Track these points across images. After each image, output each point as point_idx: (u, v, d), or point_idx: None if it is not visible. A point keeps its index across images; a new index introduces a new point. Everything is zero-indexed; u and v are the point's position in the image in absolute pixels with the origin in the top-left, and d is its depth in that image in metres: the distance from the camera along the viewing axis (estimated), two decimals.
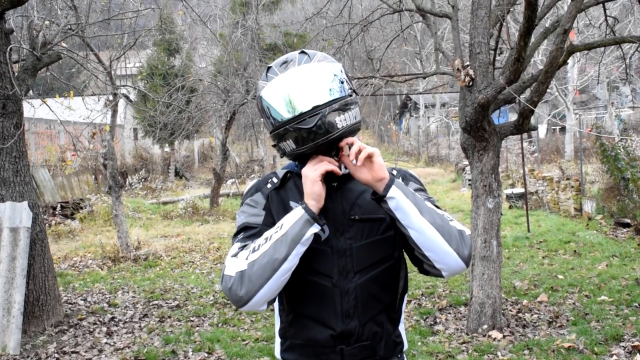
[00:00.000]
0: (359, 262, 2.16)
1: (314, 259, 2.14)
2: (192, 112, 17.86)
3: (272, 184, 2.26)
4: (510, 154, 21.89)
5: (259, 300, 2.02)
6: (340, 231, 2.17)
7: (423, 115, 42.04)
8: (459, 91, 6.63)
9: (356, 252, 2.16)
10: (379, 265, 2.19)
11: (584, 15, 12.00)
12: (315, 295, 2.17)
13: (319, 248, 2.15)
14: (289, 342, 2.25)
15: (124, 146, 30.31)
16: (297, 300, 2.20)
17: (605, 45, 7.47)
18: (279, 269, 1.99)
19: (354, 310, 2.15)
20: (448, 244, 2.03)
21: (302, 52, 2.16)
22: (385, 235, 2.18)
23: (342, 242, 2.16)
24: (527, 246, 11.00)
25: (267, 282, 1.99)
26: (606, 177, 12.87)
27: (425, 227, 2.02)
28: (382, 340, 2.21)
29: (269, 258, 1.99)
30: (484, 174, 6.54)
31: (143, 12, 11.19)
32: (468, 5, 12.50)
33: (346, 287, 2.15)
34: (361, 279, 2.16)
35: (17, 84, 6.99)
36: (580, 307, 7.35)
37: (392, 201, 2.02)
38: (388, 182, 2.04)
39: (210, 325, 7.43)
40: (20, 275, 6.68)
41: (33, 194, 7.34)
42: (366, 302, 2.17)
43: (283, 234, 2.01)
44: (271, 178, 2.29)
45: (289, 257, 2.00)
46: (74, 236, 13.99)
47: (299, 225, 2.01)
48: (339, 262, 2.15)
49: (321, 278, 2.15)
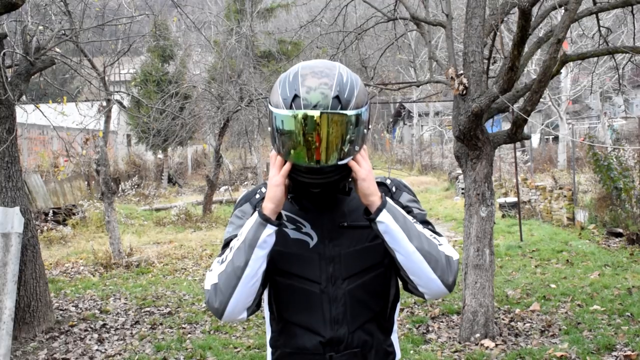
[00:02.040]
0: (347, 269, 2.16)
1: (302, 266, 2.16)
2: (185, 119, 17.85)
3: (261, 194, 2.26)
4: (504, 162, 21.92)
5: (233, 310, 2.05)
6: (328, 238, 2.17)
7: (416, 123, 42.09)
8: (453, 100, 6.64)
9: (345, 259, 2.16)
10: (368, 272, 2.18)
11: (578, 26, 12.08)
12: (304, 302, 2.17)
13: (307, 255, 2.16)
14: (279, 351, 2.25)
15: (117, 152, 30.23)
16: (286, 308, 2.20)
17: (598, 55, 7.49)
18: (242, 276, 2.02)
19: (343, 317, 2.15)
20: (433, 271, 2.05)
21: (336, 97, 1.95)
22: (374, 242, 2.17)
23: (331, 249, 2.16)
24: (520, 255, 11.01)
25: (235, 291, 2.03)
26: (599, 187, 12.90)
27: (412, 252, 2.04)
28: (372, 348, 2.21)
29: (232, 267, 2.03)
30: (477, 182, 6.55)
31: (137, 18, 11.19)
32: (462, 14, 12.54)
33: (334, 293, 2.15)
34: (350, 286, 2.16)
35: (10, 89, 6.97)
36: (573, 316, 7.36)
37: (381, 225, 2.03)
38: (380, 205, 2.04)
39: (202, 333, 7.41)
40: (11, 281, 6.64)
41: (25, 200, 7.31)
42: (355, 309, 2.17)
43: (242, 241, 2.04)
44: (260, 189, 2.29)
45: (249, 263, 2.02)
46: (65, 242, 13.93)
47: (253, 229, 2.02)
48: (327, 269, 2.15)
49: (309, 285, 2.15)
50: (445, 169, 28.86)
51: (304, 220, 2.20)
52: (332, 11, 10.52)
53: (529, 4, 5.54)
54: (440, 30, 13.50)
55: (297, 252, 2.16)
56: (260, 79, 18.38)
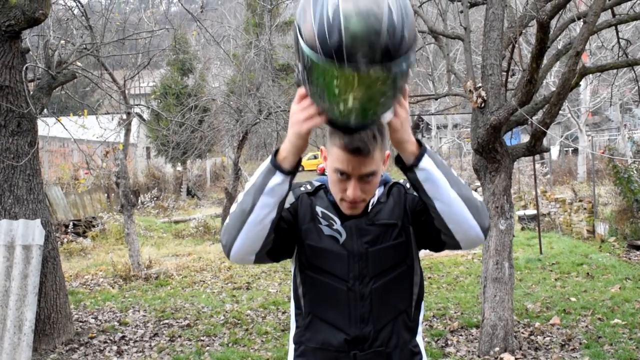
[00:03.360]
0: (374, 267, 2.17)
1: (332, 262, 2.17)
2: (204, 132, 17.94)
3: (305, 189, 2.29)
4: (523, 175, 21.81)
5: (238, 251, 2.03)
6: (357, 234, 2.18)
7: (435, 136, 42.03)
8: (471, 112, 6.63)
9: (372, 256, 2.17)
10: (393, 270, 2.20)
11: (597, 38, 12.01)
12: (331, 299, 2.18)
13: (336, 251, 2.17)
14: (303, 347, 2.25)
15: (136, 165, 30.46)
16: (314, 303, 2.21)
17: (617, 67, 7.46)
18: (247, 221, 1.97)
19: (369, 315, 2.16)
20: (473, 217, 1.98)
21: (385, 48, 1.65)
22: (397, 241, 2.20)
23: (359, 246, 2.17)
24: (540, 268, 10.92)
25: (240, 233, 1.99)
26: (619, 199, 12.81)
27: (454, 199, 1.97)
28: (397, 347, 2.21)
29: (239, 209, 2.00)
30: (495, 195, 6.53)
31: (157, 32, 11.31)
32: (480, 27, 12.52)
33: (362, 291, 2.16)
34: (376, 284, 2.17)
35: (32, 102, 7.06)
36: (593, 330, 7.29)
37: (422, 173, 1.95)
38: (419, 152, 1.95)
39: (220, 345, 7.41)
40: (31, 293, 6.70)
41: (46, 212, 7.38)
42: (381, 308, 2.18)
43: (252, 184, 2.00)
44: (305, 185, 2.31)
45: (255, 209, 1.96)
46: (85, 254, 14.02)
47: (263, 174, 1.96)
48: (355, 266, 2.16)
49: (337, 281, 2.17)
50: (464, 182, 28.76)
51: (335, 217, 2.20)
52: None
53: (547, 17, 5.54)
54: (459, 43, 13.47)
55: (328, 248, 2.17)
56: (279, 91, 18.43)
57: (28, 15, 6.67)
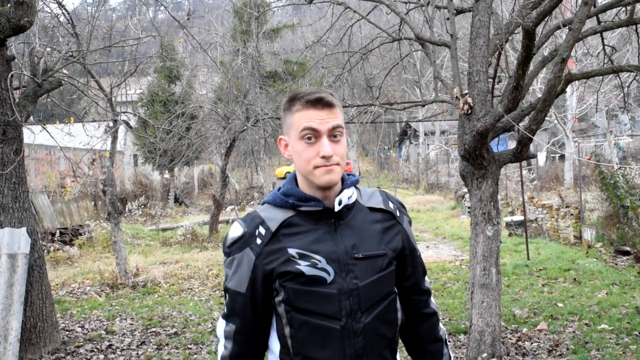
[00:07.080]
0: (365, 302, 2.12)
1: (321, 303, 2.09)
2: (192, 139, 17.91)
3: (260, 236, 2.13)
4: (510, 181, 21.91)
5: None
6: (345, 271, 2.11)
7: (423, 142, 42.16)
8: (458, 119, 6.65)
9: (362, 291, 2.11)
10: (383, 301, 2.17)
11: (582, 44, 12.08)
12: (324, 338, 2.11)
13: (325, 291, 2.09)
14: None
15: (123, 172, 30.35)
16: (304, 344, 2.12)
17: (603, 74, 7.49)
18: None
19: (363, 350, 2.12)
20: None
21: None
22: (387, 270, 2.17)
23: (348, 283, 2.10)
24: (527, 274, 10.96)
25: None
26: (606, 205, 12.87)
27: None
28: None
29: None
30: (483, 201, 6.54)
31: (144, 39, 11.28)
32: (467, 34, 12.58)
33: (355, 327, 2.11)
34: (368, 318, 2.13)
35: (18, 110, 7.02)
36: (581, 335, 7.32)
37: None
38: None
39: (208, 354, 7.38)
40: (17, 302, 6.65)
41: (32, 220, 7.33)
42: (374, 341, 2.15)
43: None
44: (257, 230, 2.14)
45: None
46: (72, 262, 13.94)
47: None
48: (346, 304, 2.10)
49: (329, 321, 2.09)
50: (452, 188, 28.85)
51: (317, 256, 2.10)
52: (338, 31, 10.55)
53: (533, 24, 5.56)
54: (445, 50, 13.54)
55: (315, 289, 2.09)
56: (267, 99, 18.45)
57: (13, 22, 6.63)
